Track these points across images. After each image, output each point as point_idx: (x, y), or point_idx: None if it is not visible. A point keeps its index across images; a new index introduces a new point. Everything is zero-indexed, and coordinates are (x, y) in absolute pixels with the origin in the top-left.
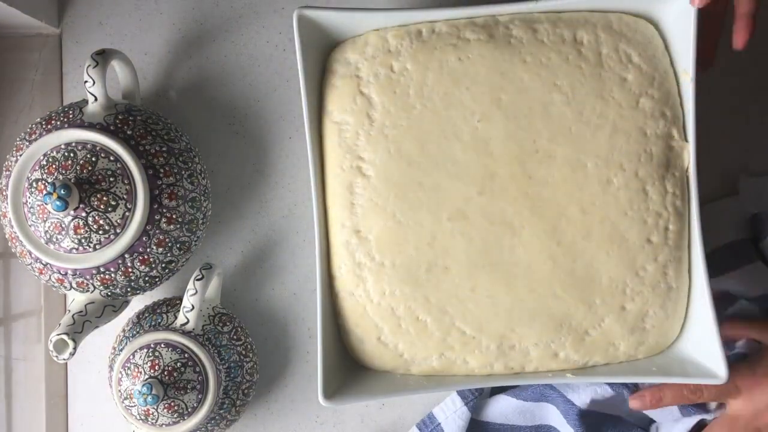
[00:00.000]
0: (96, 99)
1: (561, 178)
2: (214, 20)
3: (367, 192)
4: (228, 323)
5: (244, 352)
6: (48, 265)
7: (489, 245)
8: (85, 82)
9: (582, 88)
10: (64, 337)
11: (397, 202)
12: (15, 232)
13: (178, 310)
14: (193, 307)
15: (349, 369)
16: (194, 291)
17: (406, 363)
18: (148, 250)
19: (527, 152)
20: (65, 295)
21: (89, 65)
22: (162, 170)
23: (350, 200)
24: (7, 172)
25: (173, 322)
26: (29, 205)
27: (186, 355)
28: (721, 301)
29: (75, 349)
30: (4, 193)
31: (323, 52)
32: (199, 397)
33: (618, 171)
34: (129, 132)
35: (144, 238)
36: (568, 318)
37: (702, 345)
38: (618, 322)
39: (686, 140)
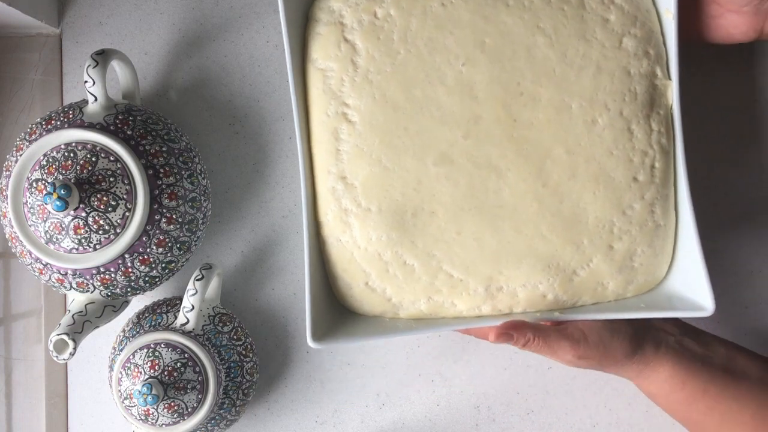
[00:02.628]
0: (96, 99)
1: (546, 119)
2: (214, 20)
3: (352, 138)
4: (228, 323)
5: (244, 352)
6: (48, 265)
7: (475, 188)
8: (85, 82)
9: (565, 30)
10: (64, 337)
11: (382, 148)
12: (15, 232)
13: (178, 310)
14: (193, 307)
15: (338, 315)
16: (194, 291)
17: (394, 307)
18: (148, 250)
19: (512, 95)
20: (65, 295)
21: (89, 65)
22: (162, 170)
23: (336, 146)
24: (7, 172)
25: (173, 322)
26: (29, 205)
27: (186, 355)
28: None
29: (75, 349)
30: (4, 193)
31: (306, 2)
32: (199, 397)
33: (602, 111)
34: (129, 132)
35: (144, 238)
36: (556, 259)
37: (689, 280)
38: (606, 262)
39: (669, 78)
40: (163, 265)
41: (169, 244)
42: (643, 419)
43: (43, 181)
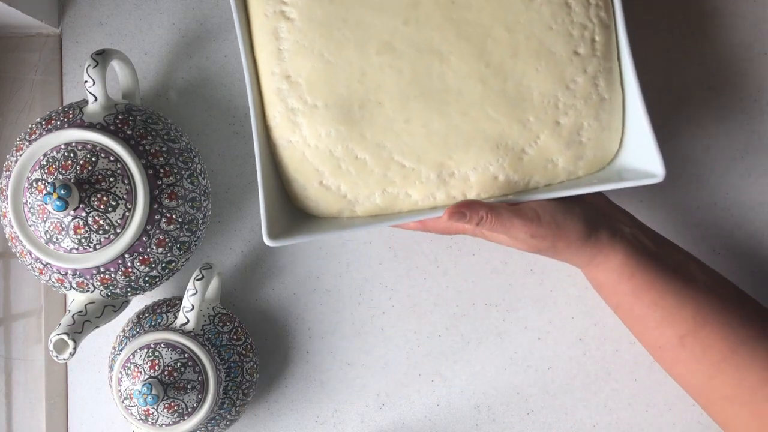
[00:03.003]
0: (96, 99)
1: None
2: (214, 20)
3: (292, 35)
4: (228, 323)
5: (244, 352)
6: (48, 265)
7: (419, 75)
8: (85, 82)
9: None
10: (64, 337)
11: (323, 42)
12: (15, 232)
13: (178, 310)
14: (193, 307)
15: (296, 219)
16: (194, 291)
17: (350, 204)
18: (148, 250)
19: None
20: (65, 295)
21: (89, 65)
22: (162, 170)
23: (277, 46)
24: (7, 172)
25: (173, 322)
26: (29, 205)
27: (186, 355)
28: None
29: (75, 349)
30: (4, 193)
31: None
32: (199, 397)
33: None
34: (129, 132)
35: (144, 238)
36: (504, 138)
37: (639, 152)
38: (553, 138)
39: None
40: (163, 265)
41: (169, 244)
42: (643, 419)
43: (43, 181)
